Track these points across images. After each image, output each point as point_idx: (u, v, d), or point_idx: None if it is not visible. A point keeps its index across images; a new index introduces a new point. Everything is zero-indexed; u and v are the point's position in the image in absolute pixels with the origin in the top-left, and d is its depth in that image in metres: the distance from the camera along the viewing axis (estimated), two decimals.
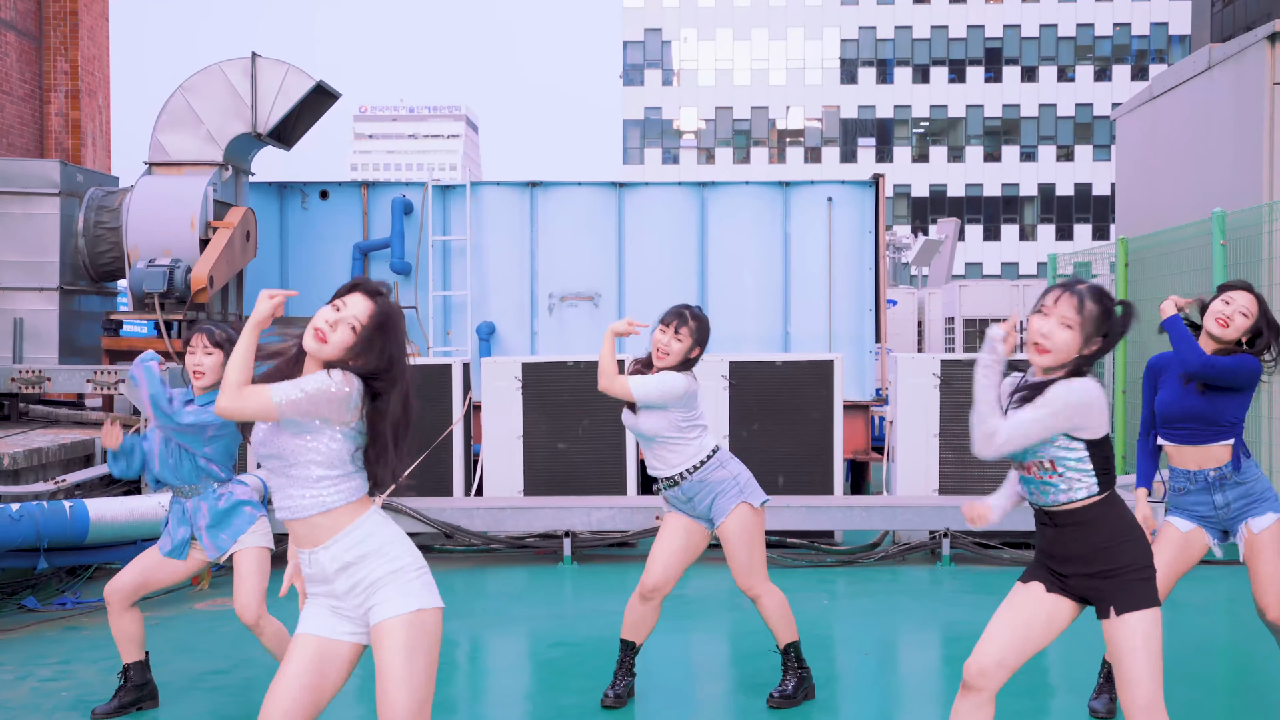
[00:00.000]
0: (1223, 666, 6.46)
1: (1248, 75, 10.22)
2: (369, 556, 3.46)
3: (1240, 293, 5.07)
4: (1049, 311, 3.65)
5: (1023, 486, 3.88)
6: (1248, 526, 5.05)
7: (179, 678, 6.09)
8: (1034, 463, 3.75)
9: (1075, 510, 3.74)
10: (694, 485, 5.35)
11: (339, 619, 3.53)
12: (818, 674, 6.10)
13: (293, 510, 3.47)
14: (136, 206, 9.83)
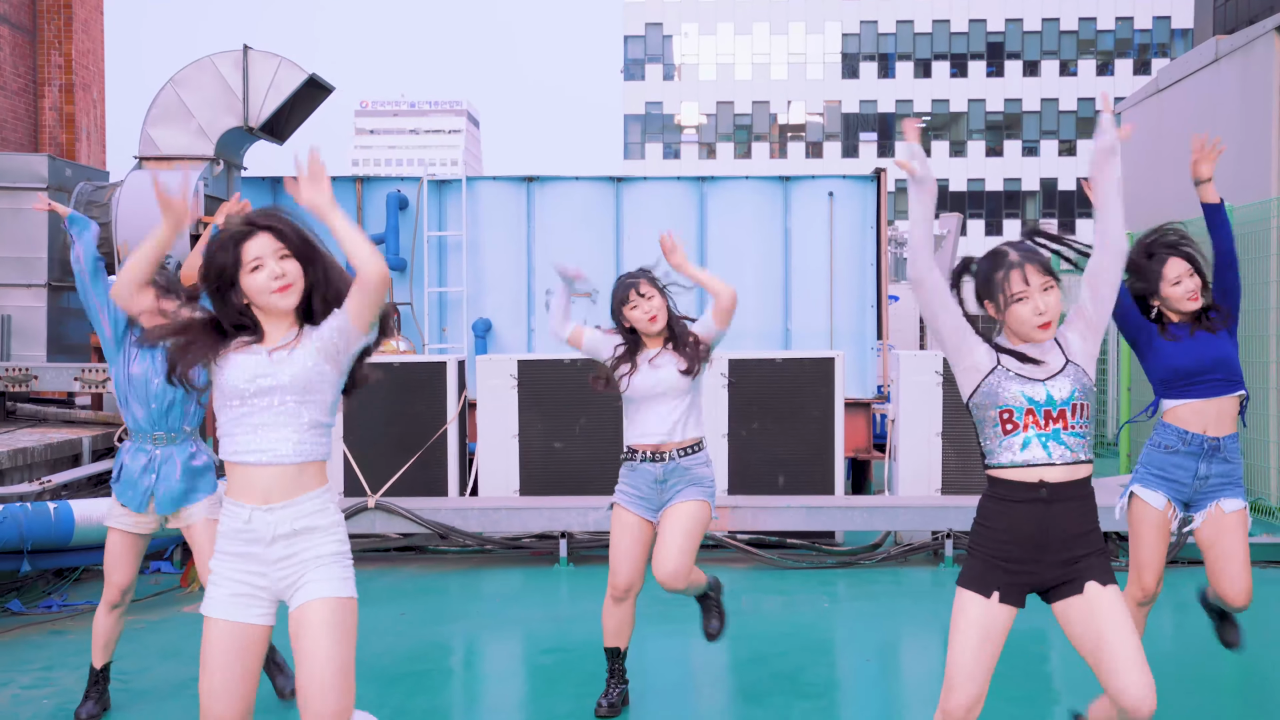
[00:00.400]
0: (1228, 669, 6.33)
1: (1255, 67, 10.07)
2: (318, 530, 3.40)
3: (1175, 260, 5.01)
4: (1029, 294, 3.56)
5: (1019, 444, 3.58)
6: (1219, 505, 4.94)
7: (163, 684, 5.96)
8: (1069, 410, 3.56)
9: (1080, 481, 3.56)
10: (676, 469, 5.20)
11: (248, 600, 3.41)
12: (818, 678, 5.96)
13: (270, 454, 3.35)
14: (126, 201, 9.69)
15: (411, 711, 5.49)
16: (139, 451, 5.21)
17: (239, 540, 3.39)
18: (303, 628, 3.34)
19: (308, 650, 3.33)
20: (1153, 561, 4.98)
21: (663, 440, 5.18)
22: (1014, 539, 3.57)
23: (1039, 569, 3.56)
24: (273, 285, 3.35)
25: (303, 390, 3.38)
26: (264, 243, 3.37)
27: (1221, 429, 4.94)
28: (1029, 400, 3.55)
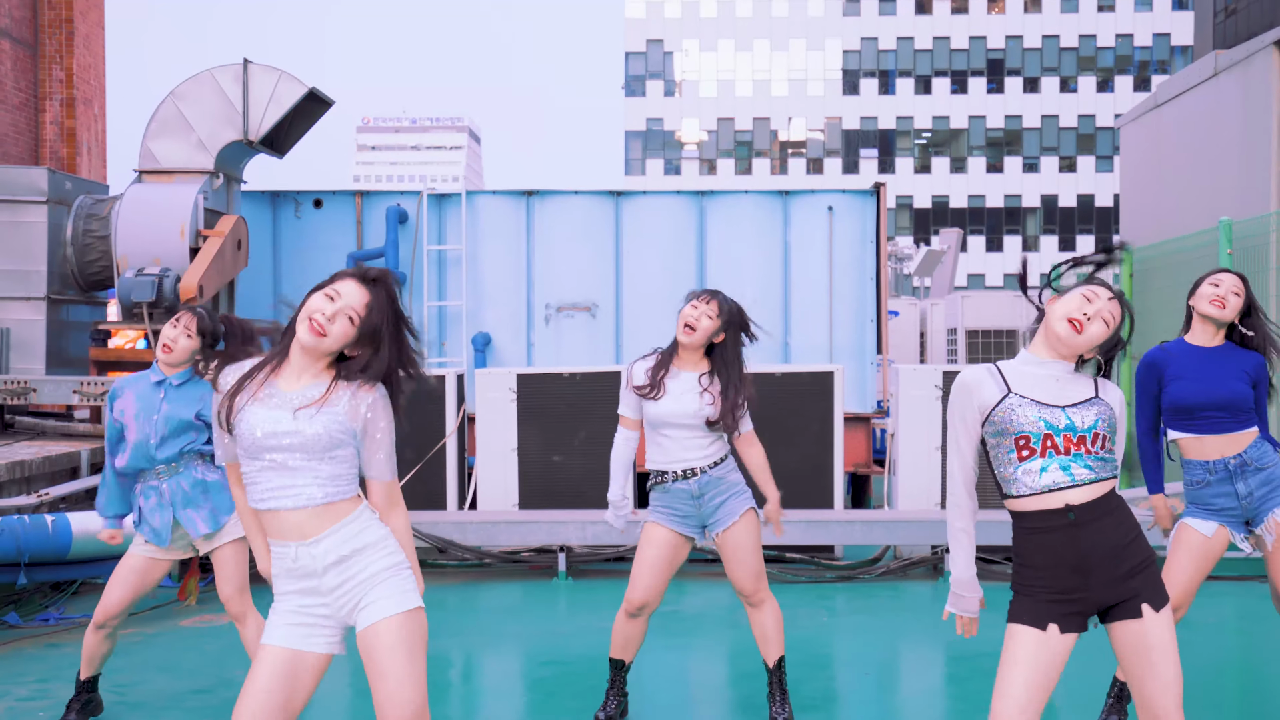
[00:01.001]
0: (1237, 686, 6.33)
1: (1254, 82, 10.09)
2: (367, 549, 3.41)
3: (1226, 274, 5.05)
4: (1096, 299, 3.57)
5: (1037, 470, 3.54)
6: (1274, 516, 4.92)
7: (158, 698, 5.95)
8: (1090, 438, 3.51)
9: (1106, 498, 3.51)
10: (711, 481, 5.14)
11: (310, 629, 3.42)
12: (818, 693, 5.94)
13: (297, 500, 3.36)
14: (126, 215, 9.70)
15: None
16: (148, 490, 5.27)
17: (293, 578, 3.41)
18: (373, 649, 3.37)
19: (381, 670, 3.36)
20: (1181, 580, 4.96)
21: (691, 463, 5.15)
22: (1056, 570, 3.52)
23: (1091, 592, 3.50)
24: (315, 317, 3.33)
25: (322, 450, 3.37)
26: (355, 293, 3.37)
27: (1238, 448, 4.96)
28: (1048, 425, 3.51)
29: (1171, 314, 11.30)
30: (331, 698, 6.02)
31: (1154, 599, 3.49)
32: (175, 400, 5.24)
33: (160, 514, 5.21)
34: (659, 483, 5.21)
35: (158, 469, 5.22)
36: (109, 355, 9.65)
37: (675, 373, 5.15)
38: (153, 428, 5.21)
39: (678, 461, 5.14)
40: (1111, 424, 3.55)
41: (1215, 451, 4.94)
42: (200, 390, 5.30)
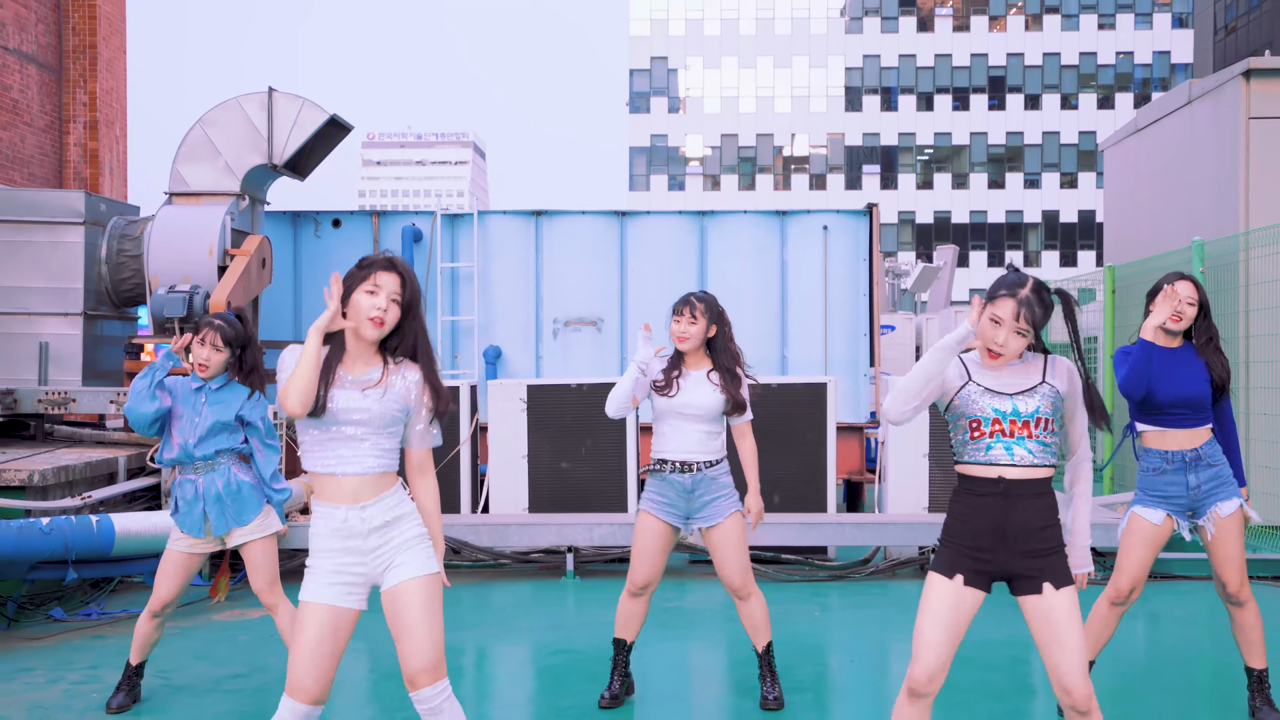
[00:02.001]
0: (1204, 677, 6.74)
1: (1225, 110, 10.60)
2: (402, 519, 3.99)
3: (1181, 283, 5.54)
4: (1003, 324, 4.01)
5: (983, 448, 4.04)
6: (1216, 510, 5.45)
7: (200, 681, 6.44)
8: (1032, 423, 4.02)
9: (1038, 480, 4.03)
10: (704, 480, 5.65)
11: (347, 587, 3.97)
12: (808, 677, 6.44)
13: (358, 467, 3.94)
14: (157, 235, 10.22)
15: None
16: (185, 483, 5.76)
17: (337, 537, 3.95)
18: (400, 603, 3.94)
19: (408, 621, 3.94)
20: (1131, 568, 5.51)
21: (691, 456, 5.64)
22: (978, 529, 4.03)
23: (1000, 557, 4.01)
24: (371, 313, 3.90)
25: (383, 425, 3.97)
26: (390, 280, 3.95)
27: (1195, 442, 5.48)
28: (996, 411, 4.03)
29: None
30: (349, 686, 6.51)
31: (1055, 579, 4.00)
32: (215, 404, 5.74)
33: (194, 507, 5.72)
34: (658, 470, 5.70)
35: (195, 464, 5.72)
36: (140, 367, 10.16)
37: (686, 372, 5.68)
38: (193, 430, 5.69)
39: (679, 452, 5.64)
40: (1055, 404, 4.05)
41: (1176, 444, 5.44)
42: (238, 394, 5.81)
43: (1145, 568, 5.53)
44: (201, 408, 5.74)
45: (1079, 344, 4.16)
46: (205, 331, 5.76)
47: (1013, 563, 4.03)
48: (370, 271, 3.95)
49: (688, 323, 5.64)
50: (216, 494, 5.72)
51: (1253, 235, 9.80)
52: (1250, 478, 9.93)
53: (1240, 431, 10.07)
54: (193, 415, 5.72)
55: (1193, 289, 5.54)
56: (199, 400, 5.76)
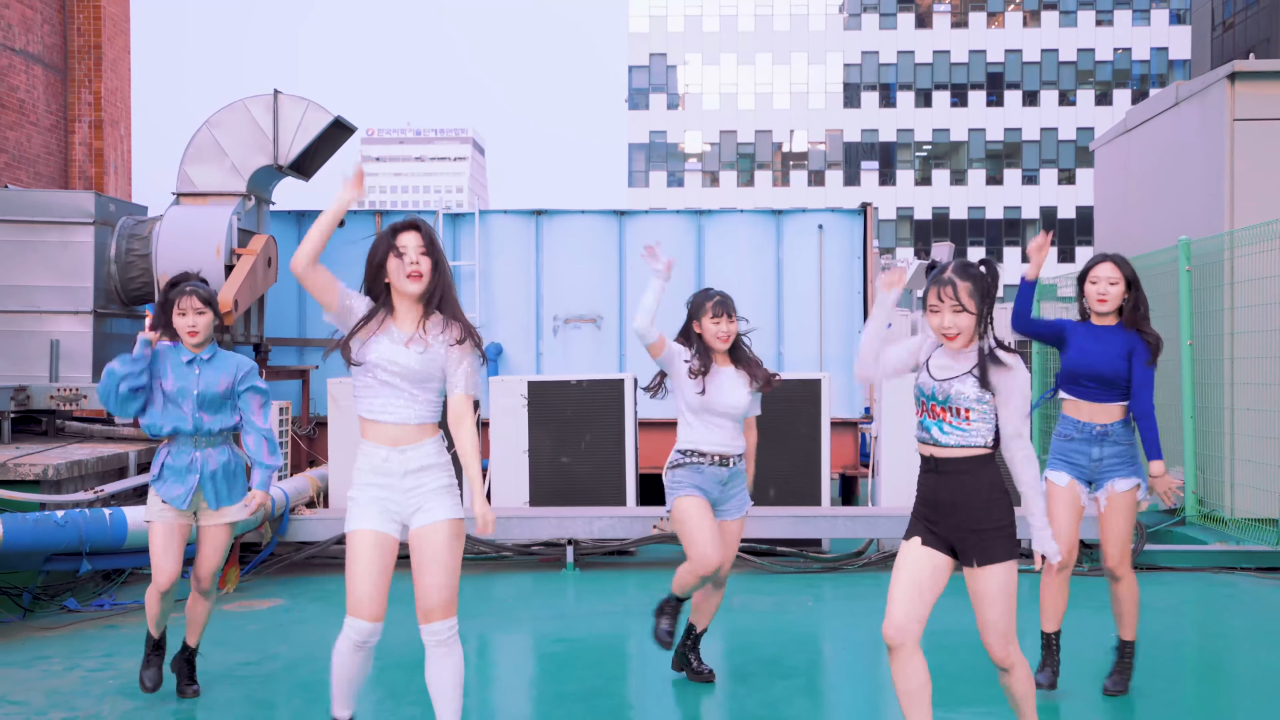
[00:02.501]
0: (1189, 663, 6.94)
1: (1211, 112, 10.82)
2: (434, 468, 4.50)
3: (1102, 266, 5.79)
4: (941, 310, 4.30)
5: (920, 425, 4.40)
6: (1113, 485, 5.73)
7: (212, 668, 6.64)
8: (948, 409, 4.31)
9: (964, 459, 4.31)
10: (736, 473, 5.93)
11: (386, 516, 4.49)
12: (801, 667, 6.66)
13: (405, 417, 4.45)
14: (165, 235, 10.44)
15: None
16: (180, 452, 5.66)
17: (378, 474, 4.47)
18: (423, 542, 4.46)
19: (428, 560, 4.45)
20: (1062, 531, 5.76)
21: (728, 450, 5.85)
22: (924, 499, 4.40)
23: (940, 528, 4.33)
24: (408, 269, 4.39)
25: (421, 380, 4.45)
26: (411, 237, 4.42)
27: (1109, 418, 5.75)
28: (923, 393, 4.38)
29: None
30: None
31: (988, 556, 4.29)
32: (208, 374, 5.65)
33: (184, 478, 5.63)
34: (693, 463, 5.87)
35: (196, 436, 5.64)
36: None
37: (716, 370, 5.88)
38: (191, 403, 5.60)
39: (717, 446, 5.84)
40: (972, 395, 4.28)
41: (1088, 415, 5.73)
42: (231, 362, 5.74)
43: (1069, 528, 5.76)
44: (197, 381, 5.65)
45: (990, 317, 4.36)
46: (181, 300, 5.62)
47: (953, 535, 4.33)
48: (390, 236, 4.44)
49: (728, 323, 5.86)
50: (216, 470, 5.69)
51: (1238, 234, 10.01)
52: (1235, 472, 10.15)
53: (1224, 427, 10.28)
54: (188, 390, 5.62)
55: (1113, 268, 5.75)
56: (191, 373, 5.65)
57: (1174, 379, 10.85)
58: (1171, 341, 10.95)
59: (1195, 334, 10.45)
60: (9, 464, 8.35)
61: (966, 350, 4.39)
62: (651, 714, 5.90)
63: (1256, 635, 7.46)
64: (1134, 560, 9.06)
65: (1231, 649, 7.24)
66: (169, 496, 5.67)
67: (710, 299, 5.89)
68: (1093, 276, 5.79)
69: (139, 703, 6.01)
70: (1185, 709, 5.97)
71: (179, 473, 5.65)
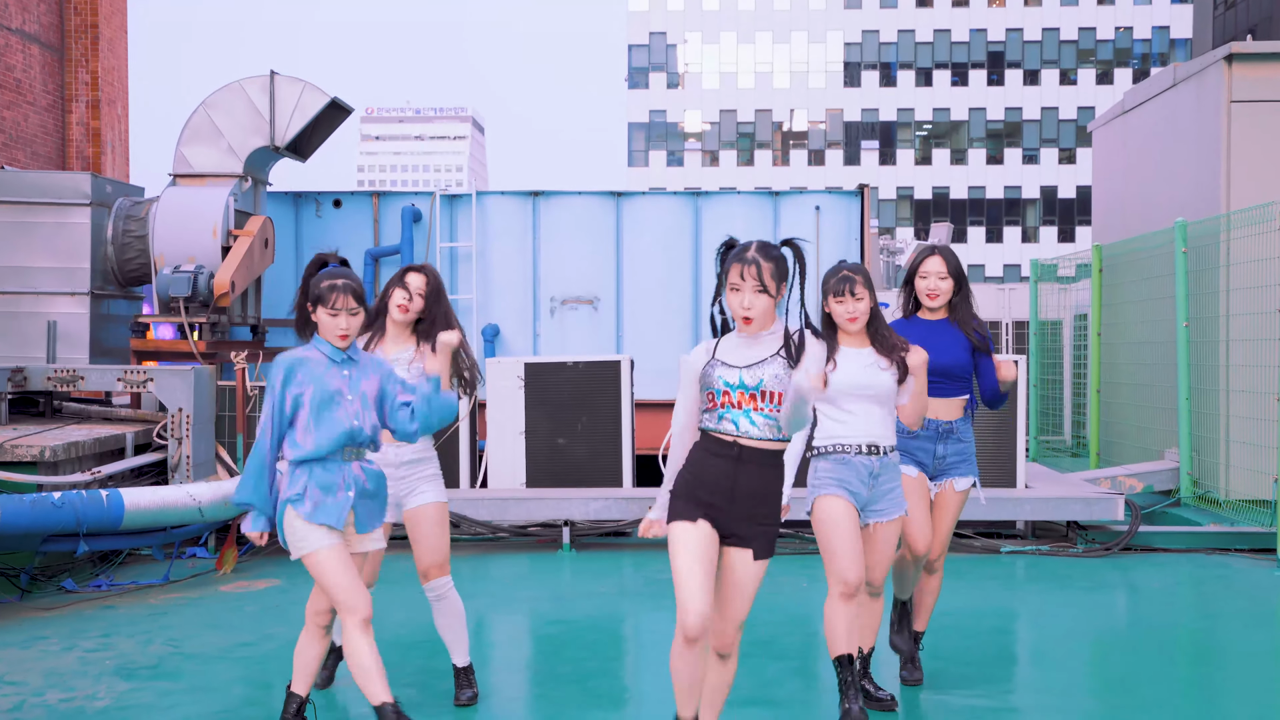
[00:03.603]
0: (1181, 645, 6.96)
1: (1207, 93, 10.80)
2: (425, 462, 5.56)
3: (930, 260, 5.68)
4: (742, 289, 4.21)
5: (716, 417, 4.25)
6: (951, 483, 5.66)
7: (209, 649, 6.67)
8: (759, 395, 4.21)
9: (770, 451, 4.26)
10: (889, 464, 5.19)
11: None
12: (793, 648, 6.69)
13: None
14: (162, 216, 10.45)
15: (431, 671, 6.21)
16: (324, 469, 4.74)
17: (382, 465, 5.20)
18: (418, 519, 5.50)
19: (424, 532, 5.49)
20: (920, 522, 5.57)
21: (876, 439, 5.10)
22: (713, 485, 4.25)
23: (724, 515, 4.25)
24: (400, 303, 5.46)
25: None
26: (416, 278, 5.52)
27: (952, 414, 5.67)
28: (726, 384, 4.25)
29: (1135, 304, 12.03)
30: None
31: (759, 550, 4.30)
32: (362, 377, 4.84)
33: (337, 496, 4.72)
34: (835, 452, 5.12)
35: (346, 449, 4.77)
36: (147, 346, 10.42)
37: (846, 349, 5.11)
38: (350, 413, 4.74)
39: (865, 435, 5.09)
40: (784, 378, 4.21)
41: (933, 413, 5.61)
42: (374, 361, 4.95)
43: (926, 520, 5.58)
44: (355, 384, 4.81)
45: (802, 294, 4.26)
46: (334, 298, 4.73)
47: (732, 522, 4.27)
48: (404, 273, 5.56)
49: (859, 301, 5.11)
50: (368, 487, 4.81)
51: (1234, 217, 10.01)
52: (1230, 454, 10.18)
53: (1219, 409, 10.31)
54: (345, 394, 4.75)
55: (941, 263, 5.65)
56: (341, 375, 4.79)
57: (1170, 361, 10.87)
58: (1168, 323, 10.96)
59: (1191, 316, 10.46)
60: (6, 445, 8.38)
61: (766, 334, 4.30)
62: (647, 696, 5.93)
63: (1250, 617, 7.49)
64: (1128, 541, 9.14)
65: (1224, 630, 7.26)
66: (324, 517, 4.69)
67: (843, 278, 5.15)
68: (922, 271, 5.68)
69: (135, 683, 6.04)
70: (1177, 691, 6.00)
71: (329, 491, 4.71)
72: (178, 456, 9.20)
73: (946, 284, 5.65)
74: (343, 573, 4.66)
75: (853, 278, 5.13)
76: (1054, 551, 9.18)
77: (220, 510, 8.40)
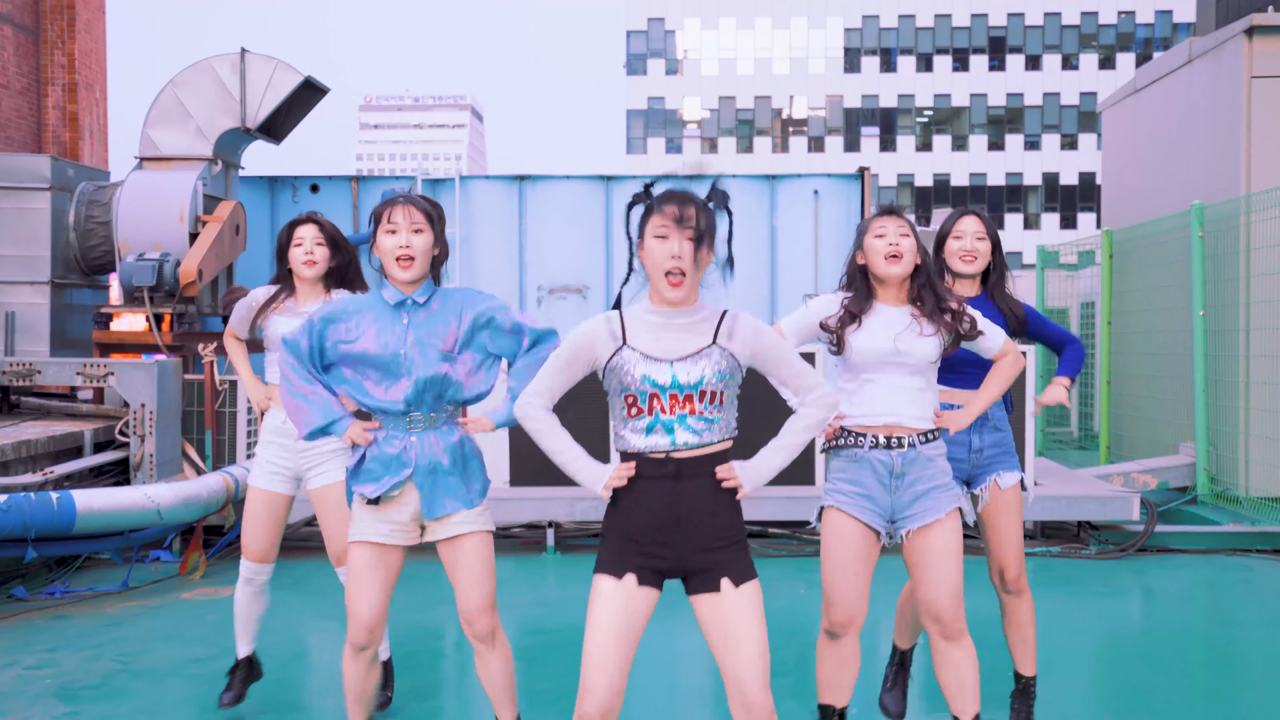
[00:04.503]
0: (1198, 653, 6.59)
1: (1225, 69, 10.31)
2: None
3: (966, 219, 4.84)
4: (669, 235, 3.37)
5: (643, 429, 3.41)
6: (996, 481, 4.65)
7: (162, 665, 6.22)
8: (695, 396, 3.40)
9: (710, 458, 3.44)
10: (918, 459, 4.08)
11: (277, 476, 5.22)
12: (790, 662, 6.23)
13: None
14: (126, 201, 9.96)
15: (400, 691, 5.76)
16: (392, 437, 4.01)
17: (277, 434, 5.09)
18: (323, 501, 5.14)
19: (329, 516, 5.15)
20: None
21: (897, 420, 3.99)
22: (647, 517, 3.41)
23: (675, 550, 3.42)
24: (304, 257, 5.01)
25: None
26: (309, 230, 5.05)
27: None
28: (653, 384, 3.39)
29: (1147, 291, 11.55)
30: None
31: (735, 575, 3.41)
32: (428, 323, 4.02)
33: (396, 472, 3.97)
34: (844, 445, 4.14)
35: (410, 416, 3.98)
36: (111, 338, 9.93)
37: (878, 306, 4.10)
38: (406, 367, 3.94)
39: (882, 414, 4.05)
40: (729, 371, 3.44)
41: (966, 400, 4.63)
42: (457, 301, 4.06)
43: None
44: (406, 332, 3.97)
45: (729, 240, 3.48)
46: (393, 209, 3.95)
47: (689, 556, 3.41)
48: (293, 229, 5.06)
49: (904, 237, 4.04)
50: (439, 463, 4.00)
51: (1254, 198, 9.54)
52: (1250, 449, 9.71)
53: (1239, 401, 9.83)
54: (397, 345, 3.94)
55: (979, 223, 4.82)
56: (398, 321, 3.98)
57: (1186, 350, 10.40)
58: (1183, 311, 10.49)
59: (1209, 303, 9.98)
60: None
61: (692, 315, 3.45)
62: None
63: (1271, 623, 7.07)
64: (1143, 543, 8.67)
65: (1244, 637, 6.87)
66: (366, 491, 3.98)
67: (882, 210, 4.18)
68: (957, 231, 4.81)
69: (73, 706, 5.59)
70: (1196, 703, 5.58)
71: (385, 465, 3.99)
72: (140, 455, 8.73)
73: (984, 245, 4.77)
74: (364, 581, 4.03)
75: (899, 214, 4.08)
76: (1066, 553, 8.72)
77: (181, 512, 7.92)
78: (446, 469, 4.03)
